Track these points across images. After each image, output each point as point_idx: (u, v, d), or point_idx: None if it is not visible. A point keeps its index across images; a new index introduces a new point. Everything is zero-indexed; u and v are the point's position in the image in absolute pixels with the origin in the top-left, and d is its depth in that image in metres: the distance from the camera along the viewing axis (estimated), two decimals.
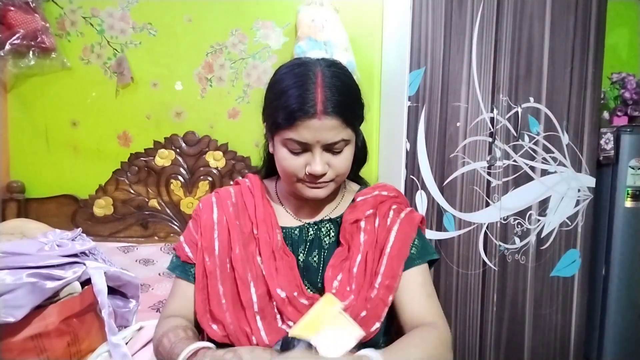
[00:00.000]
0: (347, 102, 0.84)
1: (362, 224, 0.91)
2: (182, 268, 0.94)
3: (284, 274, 0.87)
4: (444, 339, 0.82)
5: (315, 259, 0.91)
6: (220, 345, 0.85)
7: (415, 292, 0.88)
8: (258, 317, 0.84)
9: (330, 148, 0.84)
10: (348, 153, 0.87)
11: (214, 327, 0.87)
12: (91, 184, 2.14)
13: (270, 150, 0.92)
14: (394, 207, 0.95)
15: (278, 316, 0.85)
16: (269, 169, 1.01)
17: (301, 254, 0.91)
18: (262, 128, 0.94)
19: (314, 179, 0.85)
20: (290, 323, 0.84)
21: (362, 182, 1.06)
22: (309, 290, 0.88)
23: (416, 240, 0.93)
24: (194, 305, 0.92)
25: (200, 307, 0.89)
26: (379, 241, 0.91)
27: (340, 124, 0.82)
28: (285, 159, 0.85)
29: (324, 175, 0.85)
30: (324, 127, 0.81)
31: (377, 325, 0.86)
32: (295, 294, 0.85)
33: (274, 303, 0.85)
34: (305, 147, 0.83)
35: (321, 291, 0.88)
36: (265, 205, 0.94)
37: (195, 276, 0.92)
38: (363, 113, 0.90)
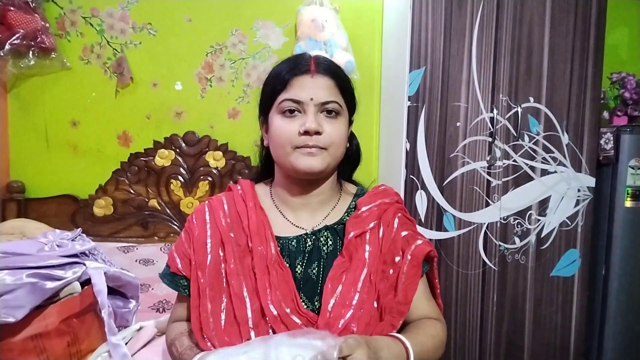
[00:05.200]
0: (339, 71, 0.90)
1: (367, 236, 0.90)
2: (171, 278, 0.94)
3: (279, 288, 0.85)
4: (445, 335, 0.91)
5: (314, 270, 0.89)
6: None
7: (420, 300, 0.91)
8: (253, 333, 0.83)
9: (324, 110, 0.86)
10: (342, 125, 0.89)
11: (208, 343, 0.85)
12: (91, 184, 2.14)
13: (265, 142, 0.93)
14: (398, 214, 0.94)
15: (271, 332, 0.83)
16: (262, 172, 1.00)
17: (299, 266, 0.89)
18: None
19: (308, 139, 0.84)
20: None
21: (357, 184, 1.04)
22: (304, 305, 0.86)
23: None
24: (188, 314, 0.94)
25: (194, 324, 0.87)
26: (383, 251, 0.89)
27: (333, 85, 0.87)
28: (280, 127, 0.86)
29: (318, 135, 0.85)
30: (317, 85, 0.85)
31: None
32: (288, 310, 0.83)
33: (267, 319, 0.83)
34: (299, 108, 0.86)
35: (318, 306, 0.86)
36: (258, 214, 0.91)
37: (184, 288, 0.92)
38: (355, 98, 0.94)
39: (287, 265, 0.88)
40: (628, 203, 2.11)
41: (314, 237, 0.91)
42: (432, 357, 0.85)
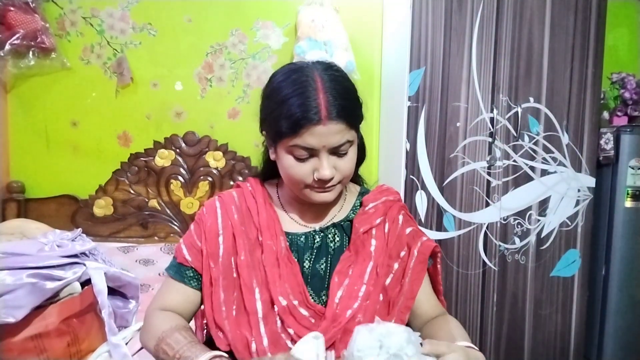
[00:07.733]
0: (349, 105, 0.84)
1: (373, 231, 0.92)
2: (177, 269, 0.93)
3: (287, 281, 0.87)
4: None
5: (322, 266, 0.91)
6: (226, 352, 0.84)
7: (429, 293, 0.96)
8: (262, 324, 0.84)
9: (336, 151, 0.84)
10: (352, 153, 0.88)
11: (219, 334, 0.86)
12: (91, 184, 2.14)
13: (272, 157, 0.91)
14: (402, 212, 0.97)
15: (279, 323, 0.85)
16: (267, 173, 1.01)
17: (307, 261, 0.91)
18: None
19: (322, 184, 0.85)
20: (290, 331, 0.84)
21: (360, 182, 1.06)
22: (312, 298, 0.88)
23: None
24: (191, 306, 0.93)
25: (209, 315, 0.88)
26: (389, 246, 0.92)
27: (344, 127, 0.82)
28: (292, 167, 0.85)
29: (332, 179, 0.85)
30: (329, 132, 0.81)
31: None
32: (296, 302, 0.86)
33: (276, 310, 0.85)
34: (311, 153, 0.83)
35: (325, 299, 0.88)
36: (268, 210, 0.93)
37: (190, 279, 0.92)
38: (362, 111, 0.91)
39: (296, 260, 0.90)
40: (628, 203, 2.11)
41: (322, 234, 0.94)
42: None
